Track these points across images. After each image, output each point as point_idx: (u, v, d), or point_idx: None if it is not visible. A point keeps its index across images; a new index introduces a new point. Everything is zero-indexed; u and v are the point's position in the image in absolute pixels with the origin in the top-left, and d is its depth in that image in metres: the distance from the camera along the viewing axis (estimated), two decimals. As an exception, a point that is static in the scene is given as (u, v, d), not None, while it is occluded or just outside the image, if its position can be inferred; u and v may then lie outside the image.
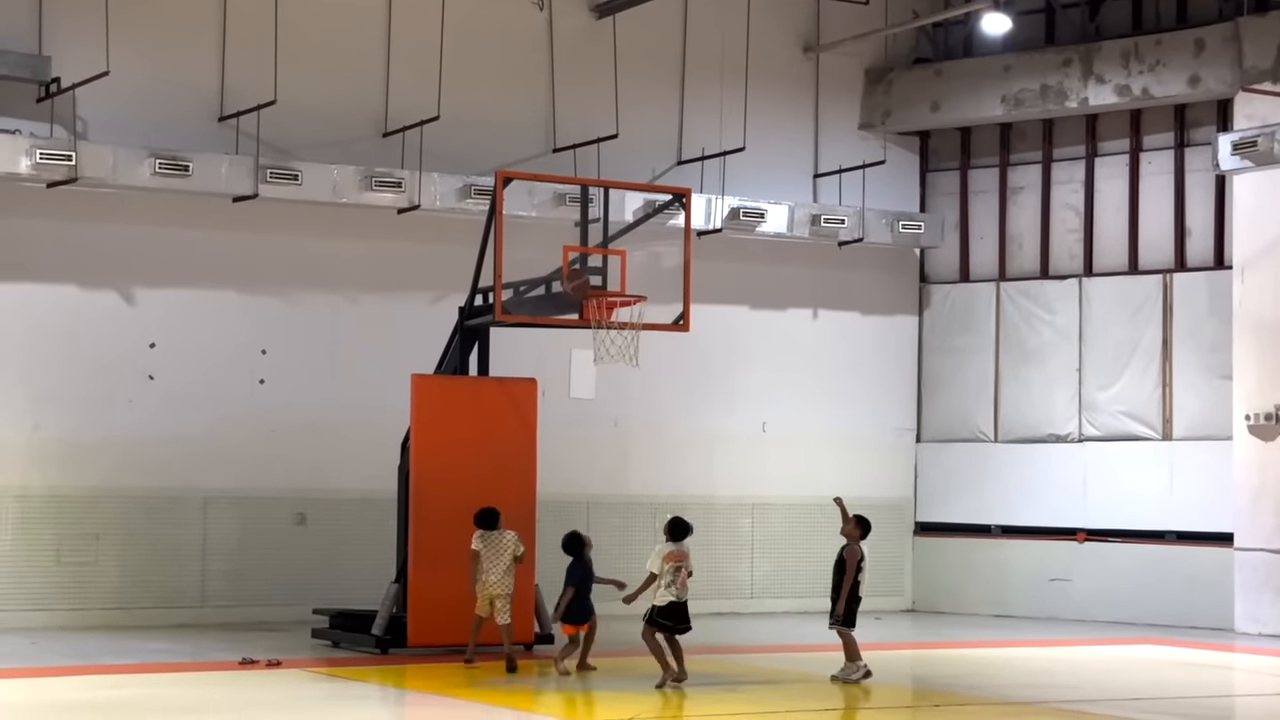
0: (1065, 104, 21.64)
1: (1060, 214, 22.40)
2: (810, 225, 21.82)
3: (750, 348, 22.11)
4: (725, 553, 21.77)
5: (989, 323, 22.71)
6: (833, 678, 14.47)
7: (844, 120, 22.76)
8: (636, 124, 20.86)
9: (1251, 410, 19.91)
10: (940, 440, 22.99)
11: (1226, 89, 20.35)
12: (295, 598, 18.83)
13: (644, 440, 21.42)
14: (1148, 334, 21.48)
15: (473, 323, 16.93)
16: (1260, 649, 18.28)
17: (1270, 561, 19.66)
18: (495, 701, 13.13)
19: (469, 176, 19.77)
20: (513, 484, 16.44)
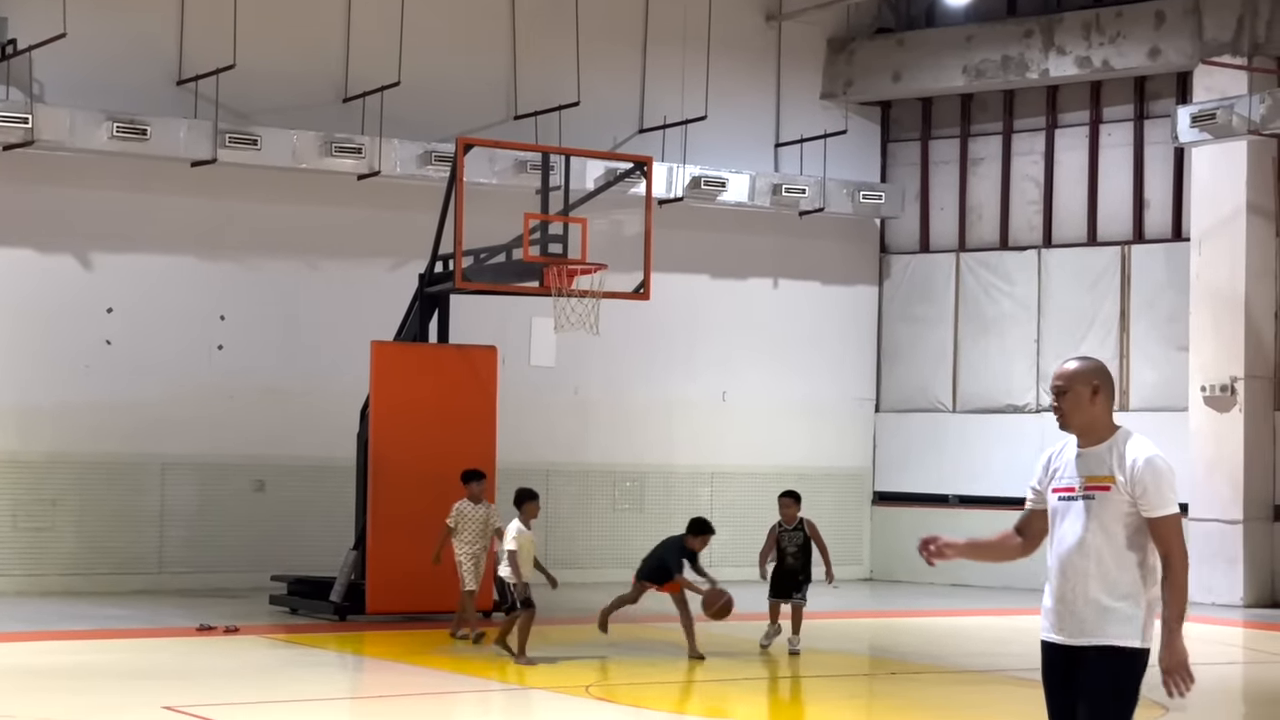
0: (1026, 75, 21.69)
1: (1020, 185, 22.47)
2: (771, 195, 21.83)
3: (711, 317, 22.13)
4: (684, 521, 21.72)
5: (948, 293, 22.79)
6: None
7: (806, 89, 22.76)
8: (598, 91, 20.81)
9: (1207, 382, 20.05)
10: (899, 410, 23.08)
11: (1186, 61, 20.43)
12: (253, 564, 18.79)
13: (604, 408, 21.44)
14: (1106, 305, 21.60)
15: (433, 290, 16.88)
16: (1213, 618, 18.43)
17: (1224, 532, 19.83)
18: (453, 668, 13.14)
19: (430, 143, 19.69)
20: (472, 451, 16.39)
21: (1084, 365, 6.40)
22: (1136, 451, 6.21)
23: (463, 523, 14.81)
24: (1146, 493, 6.15)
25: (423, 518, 16.05)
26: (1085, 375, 6.35)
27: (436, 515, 16.05)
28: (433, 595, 15.98)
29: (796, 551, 14.49)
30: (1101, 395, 6.34)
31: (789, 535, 14.58)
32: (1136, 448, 6.24)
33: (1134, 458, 6.19)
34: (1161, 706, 11.72)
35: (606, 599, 14.31)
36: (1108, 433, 6.32)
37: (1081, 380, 6.35)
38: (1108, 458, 6.24)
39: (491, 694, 12.28)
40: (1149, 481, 6.15)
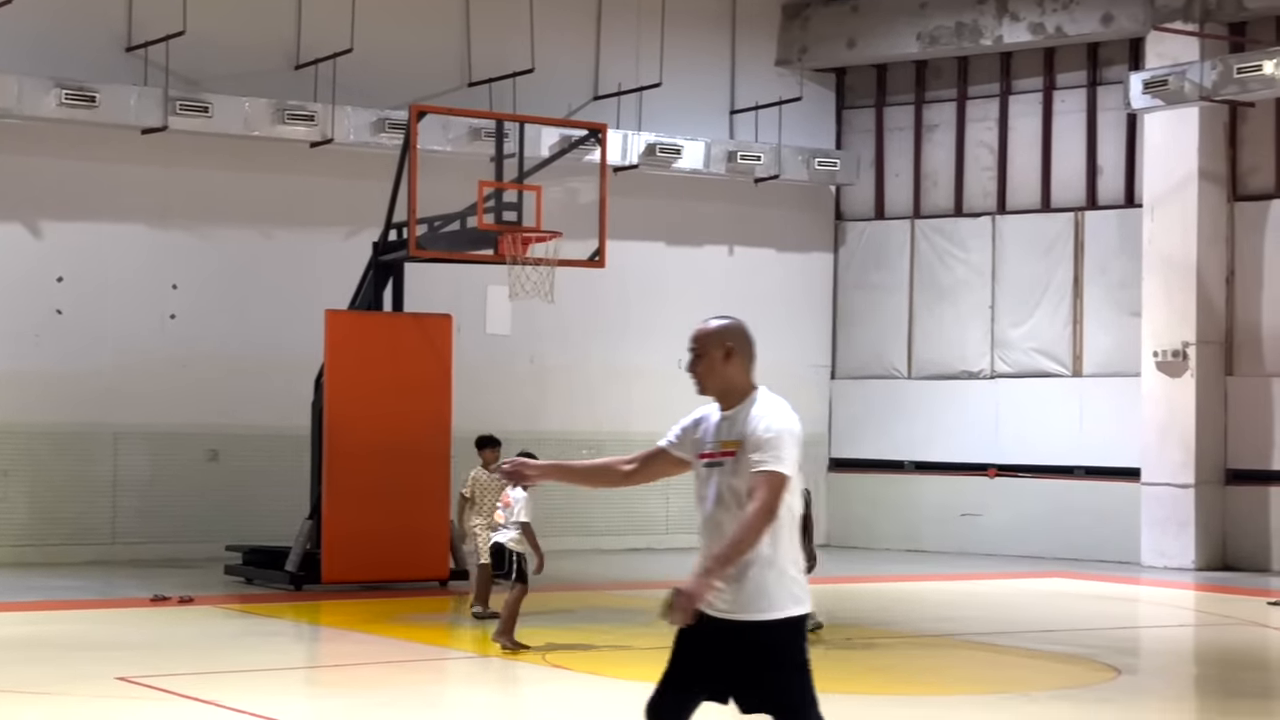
0: (980, 42, 21.71)
1: (974, 152, 22.51)
2: (726, 162, 21.81)
3: (666, 284, 22.11)
4: (641, 489, 21.65)
5: (903, 260, 22.84)
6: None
7: (760, 56, 22.73)
8: (553, 59, 20.72)
9: (1160, 347, 20.18)
10: (854, 377, 23.14)
11: (1138, 28, 20.49)
12: (208, 534, 18.70)
13: (560, 376, 21.41)
14: (1059, 272, 21.69)
15: (387, 258, 16.81)
16: (1165, 581, 18.61)
17: (1176, 496, 19.98)
18: (409, 637, 13.13)
19: (383, 110, 19.58)
20: (428, 420, 16.39)
21: (717, 327, 6.12)
22: (760, 412, 5.94)
23: (479, 492, 14.07)
24: (759, 449, 5.84)
25: (378, 486, 16.04)
26: (718, 337, 6.09)
27: (392, 484, 16.07)
28: (388, 564, 15.98)
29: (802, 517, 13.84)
30: (736, 357, 6.08)
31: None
32: (762, 408, 5.96)
33: (756, 418, 5.92)
34: (1113, 669, 11.83)
35: (568, 567, 14.28)
36: (743, 396, 6.04)
37: (714, 343, 6.08)
38: (738, 421, 5.98)
39: (448, 662, 12.28)
40: (763, 439, 5.86)
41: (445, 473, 16.37)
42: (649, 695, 6.03)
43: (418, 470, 16.29)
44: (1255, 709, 10.74)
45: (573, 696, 10.86)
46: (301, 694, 11.09)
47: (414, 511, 16.27)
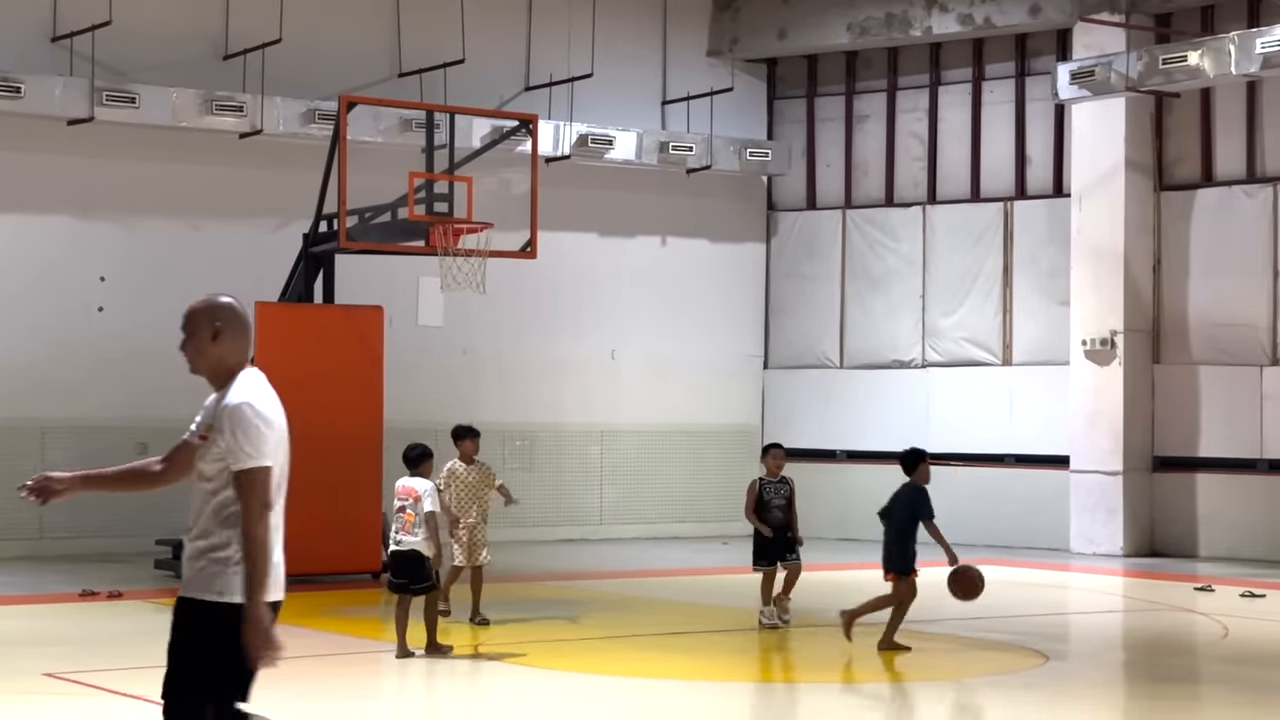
0: (910, 32, 21.82)
1: (905, 142, 22.63)
2: (658, 152, 21.82)
3: (599, 275, 22.12)
4: (574, 480, 21.86)
5: (835, 250, 22.94)
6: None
7: (692, 47, 22.76)
8: (484, 49, 20.66)
9: (1088, 336, 20.37)
10: (787, 366, 23.23)
11: (1066, 19, 20.66)
12: (137, 529, 18.51)
13: (493, 368, 21.37)
14: (989, 261, 21.85)
15: (317, 250, 16.72)
16: (1093, 568, 18.80)
17: (1104, 483, 20.19)
18: (341, 630, 13.08)
19: (312, 101, 19.46)
20: (359, 413, 16.32)
21: (205, 304, 5.86)
22: (231, 396, 5.71)
23: (457, 487, 13.00)
24: (225, 441, 5.65)
25: (310, 479, 15.82)
26: (206, 316, 5.83)
27: (323, 477, 15.97)
28: (320, 557, 15.89)
29: (784, 504, 13.21)
30: (225, 336, 5.83)
31: (773, 487, 13.25)
32: (235, 392, 5.72)
33: (226, 403, 5.70)
34: (1041, 655, 11.94)
35: (501, 559, 14.21)
36: (230, 378, 5.82)
37: (202, 320, 5.84)
38: (216, 406, 5.79)
39: (381, 655, 12.23)
40: (227, 429, 5.64)
41: (377, 465, 16.31)
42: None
43: (350, 463, 16.22)
44: (1182, 693, 10.87)
45: (505, 687, 10.85)
46: (232, 688, 10.99)
47: (346, 504, 16.20)
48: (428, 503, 11.28)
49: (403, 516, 11.29)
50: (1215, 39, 18.69)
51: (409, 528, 11.26)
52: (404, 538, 11.29)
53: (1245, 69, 18.21)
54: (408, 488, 11.37)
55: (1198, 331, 20.24)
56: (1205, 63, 18.54)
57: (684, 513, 22.53)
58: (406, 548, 11.29)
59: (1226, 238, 20.04)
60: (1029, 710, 10.18)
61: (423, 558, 11.25)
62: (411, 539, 11.26)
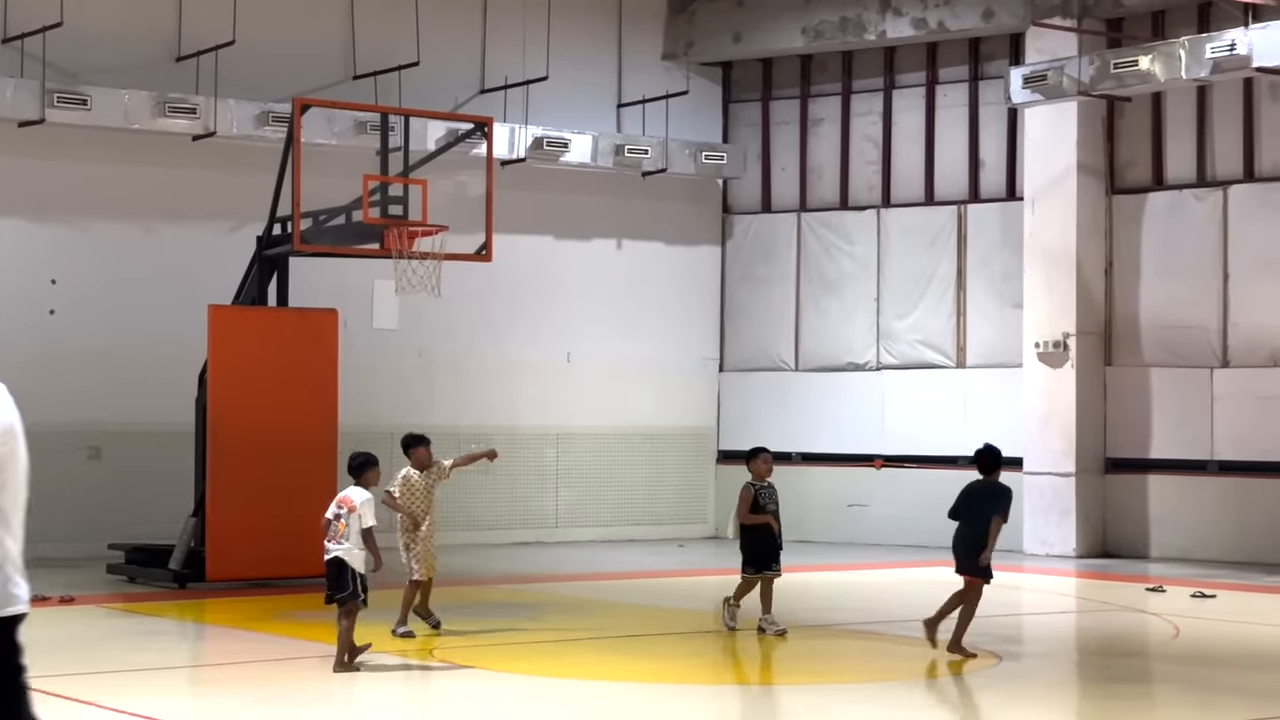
0: (864, 36, 21.91)
1: (859, 145, 22.72)
2: (614, 155, 21.84)
3: (554, 278, 22.11)
4: (530, 483, 21.84)
5: (790, 253, 23.00)
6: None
7: (647, 50, 22.78)
8: (439, 52, 20.63)
9: (1041, 338, 20.49)
10: (742, 369, 23.27)
11: (1018, 23, 20.79)
12: (89, 533, 18.42)
13: (448, 371, 21.34)
14: (943, 264, 21.95)
15: (271, 252, 16.66)
16: (1046, 569, 18.91)
17: (1057, 485, 20.32)
18: (296, 634, 13.02)
19: (266, 103, 19.39)
20: (314, 416, 16.26)
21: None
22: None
23: (412, 496, 12.50)
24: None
25: (264, 483, 15.91)
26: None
27: (278, 480, 15.93)
28: (274, 561, 15.84)
29: (777, 510, 12.93)
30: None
31: (766, 492, 12.91)
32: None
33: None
34: (995, 655, 12.01)
35: (455, 562, 14.15)
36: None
37: None
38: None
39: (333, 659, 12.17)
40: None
41: (332, 468, 16.23)
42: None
43: (304, 466, 16.15)
44: (1134, 693, 10.94)
45: (460, 691, 10.83)
46: (185, 693, 10.97)
47: (300, 508, 16.05)
48: (368, 517, 10.95)
49: (336, 525, 10.96)
50: (1166, 44, 18.83)
51: (338, 537, 10.95)
52: (330, 545, 11.03)
53: (1195, 74, 18.35)
54: (344, 498, 11.08)
55: (1149, 334, 20.39)
56: (1156, 67, 18.68)
57: (640, 515, 22.55)
58: (330, 555, 10.99)
59: (1177, 241, 20.20)
60: (983, 711, 10.23)
61: (345, 566, 10.93)
62: (336, 547, 10.96)
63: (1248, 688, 10.91)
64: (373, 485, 11.24)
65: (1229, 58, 17.96)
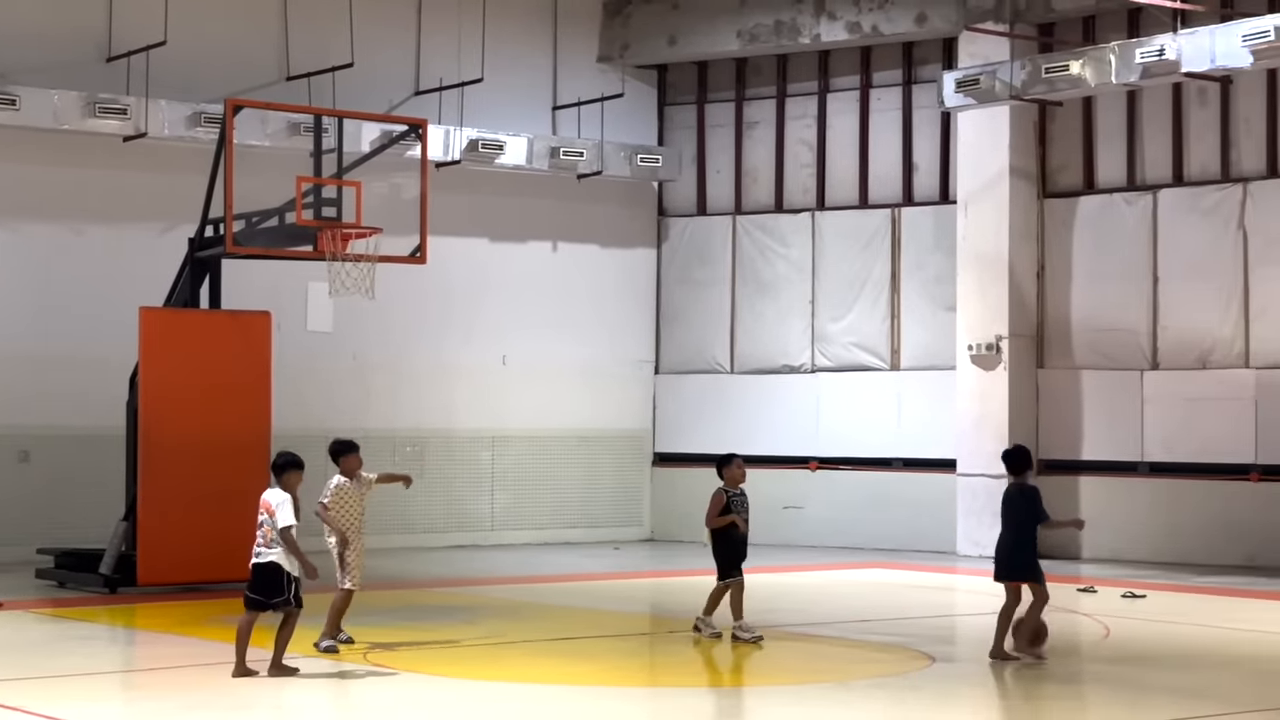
0: (799, 40, 21.99)
1: (794, 149, 22.80)
2: (549, 158, 21.81)
3: (490, 280, 22.06)
4: (465, 486, 21.78)
5: (725, 256, 23.05)
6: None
7: (582, 52, 22.77)
8: (373, 53, 20.55)
9: (974, 341, 20.64)
10: (678, 372, 23.30)
11: (951, 28, 20.93)
12: (18, 537, 18.23)
13: (383, 373, 21.25)
14: (877, 267, 22.06)
15: (203, 254, 16.55)
16: (979, 570, 18.95)
17: (990, 486, 20.43)
18: (228, 639, 12.91)
19: (198, 104, 19.25)
20: (247, 419, 16.16)
21: None
22: None
23: (344, 504, 12.08)
24: None
25: (196, 487, 15.80)
26: None
27: (210, 484, 15.83)
28: (206, 565, 15.73)
29: (748, 518, 13.01)
30: None
31: (739, 500, 13.00)
32: None
33: None
34: (928, 657, 12.07)
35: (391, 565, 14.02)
36: None
37: None
38: None
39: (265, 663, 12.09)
40: None
41: (264, 472, 15.98)
42: None
43: (237, 470, 16.03)
44: (1064, 694, 11.03)
45: (394, 695, 10.79)
46: (116, 699, 10.87)
47: (233, 512, 15.93)
48: (280, 517, 10.80)
49: (263, 530, 10.88)
50: (1096, 49, 19.01)
51: (268, 541, 10.85)
52: (261, 549, 10.89)
53: (1125, 78, 18.53)
54: (264, 501, 10.95)
55: (1080, 336, 20.57)
56: (1086, 72, 18.84)
57: (575, 518, 22.54)
58: (264, 560, 10.85)
59: (1108, 244, 20.39)
60: (913, 712, 10.28)
61: (280, 570, 10.83)
62: (269, 551, 10.85)
63: (1177, 687, 11.03)
64: (294, 486, 11.03)
65: (1158, 63, 18.14)
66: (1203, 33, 18.00)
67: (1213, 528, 19.19)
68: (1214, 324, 19.60)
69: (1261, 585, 17.16)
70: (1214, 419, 19.38)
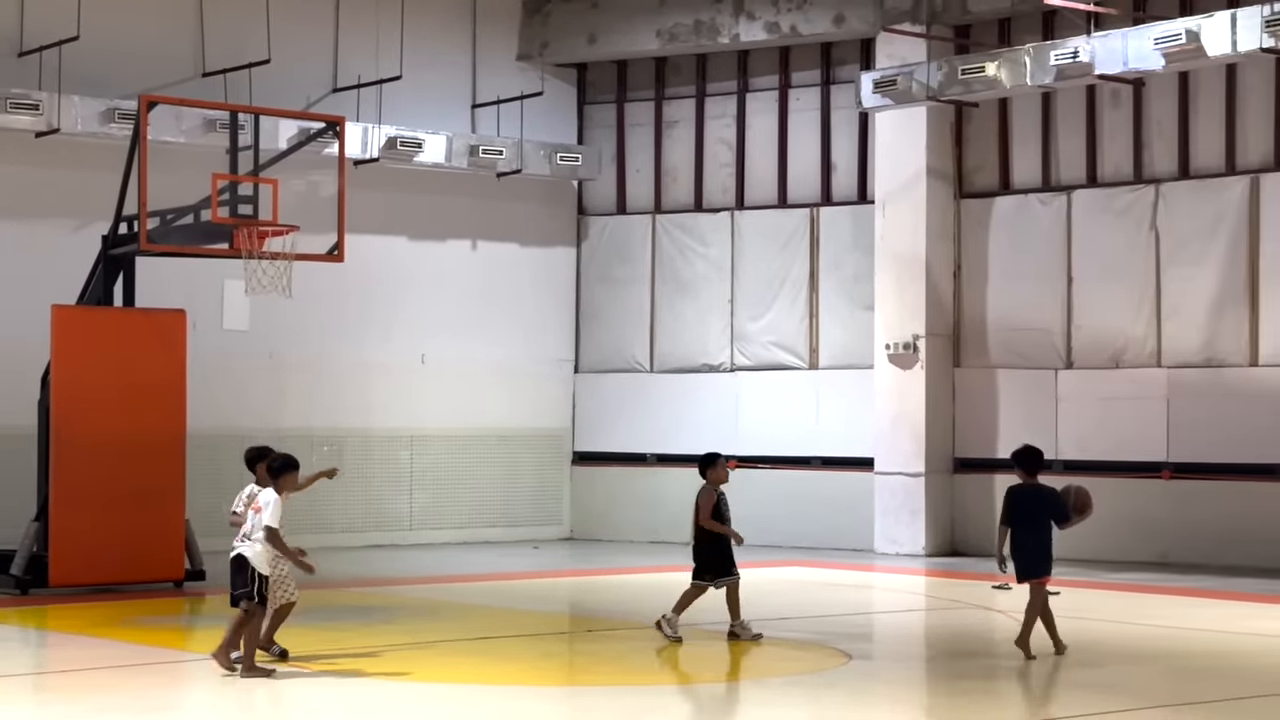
0: (718, 40, 22.05)
1: (713, 148, 22.86)
2: (469, 156, 21.74)
3: (409, 279, 21.97)
4: (384, 485, 21.67)
5: (645, 255, 23.08)
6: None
7: (502, 50, 22.72)
8: (290, 49, 20.40)
9: (891, 340, 20.78)
10: (597, 371, 23.30)
11: (869, 29, 21.06)
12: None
13: (300, 372, 21.10)
14: (796, 266, 22.16)
15: (117, 251, 16.38)
16: (896, 568, 19.18)
17: (907, 485, 20.61)
18: (142, 640, 12.81)
19: (112, 100, 19.02)
20: (161, 418, 16.02)
21: None
22: None
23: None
24: None
25: (109, 486, 15.64)
26: None
27: (124, 484, 15.69)
28: (120, 566, 15.59)
29: (731, 519, 13.10)
30: None
31: (726, 500, 13.08)
32: None
33: None
34: (844, 654, 12.15)
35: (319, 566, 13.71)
36: None
37: None
38: None
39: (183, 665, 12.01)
40: None
41: (180, 471, 16.03)
42: None
43: (151, 469, 15.92)
44: (980, 689, 11.13)
45: (308, 696, 10.72)
46: (27, 701, 10.73)
47: (147, 512, 15.90)
48: (266, 516, 10.86)
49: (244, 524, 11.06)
50: (1011, 51, 19.19)
51: (243, 535, 10.99)
52: (235, 542, 11.04)
53: (1040, 80, 18.72)
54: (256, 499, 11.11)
55: (996, 336, 20.76)
56: (1002, 74, 19.01)
57: (495, 517, 22.49)
58: (234, 552, 11.01)
59: (1023, 245, 20.60)
60: (829, 710, 10.34)
61: (246, 564, 10.87)
62: (240, 545, 10.96)
63: (1090, 683, 11.16)
64: (290, 489, 11.06)
65: (1072, 65, 18.34)
66: (1115, 36, 18.22)
67: (1125, 525, 19.41)
68: (1127, 323, 19.84)
69: (1173, 582, 17.40)
70: (1127, 417, 19.62)
